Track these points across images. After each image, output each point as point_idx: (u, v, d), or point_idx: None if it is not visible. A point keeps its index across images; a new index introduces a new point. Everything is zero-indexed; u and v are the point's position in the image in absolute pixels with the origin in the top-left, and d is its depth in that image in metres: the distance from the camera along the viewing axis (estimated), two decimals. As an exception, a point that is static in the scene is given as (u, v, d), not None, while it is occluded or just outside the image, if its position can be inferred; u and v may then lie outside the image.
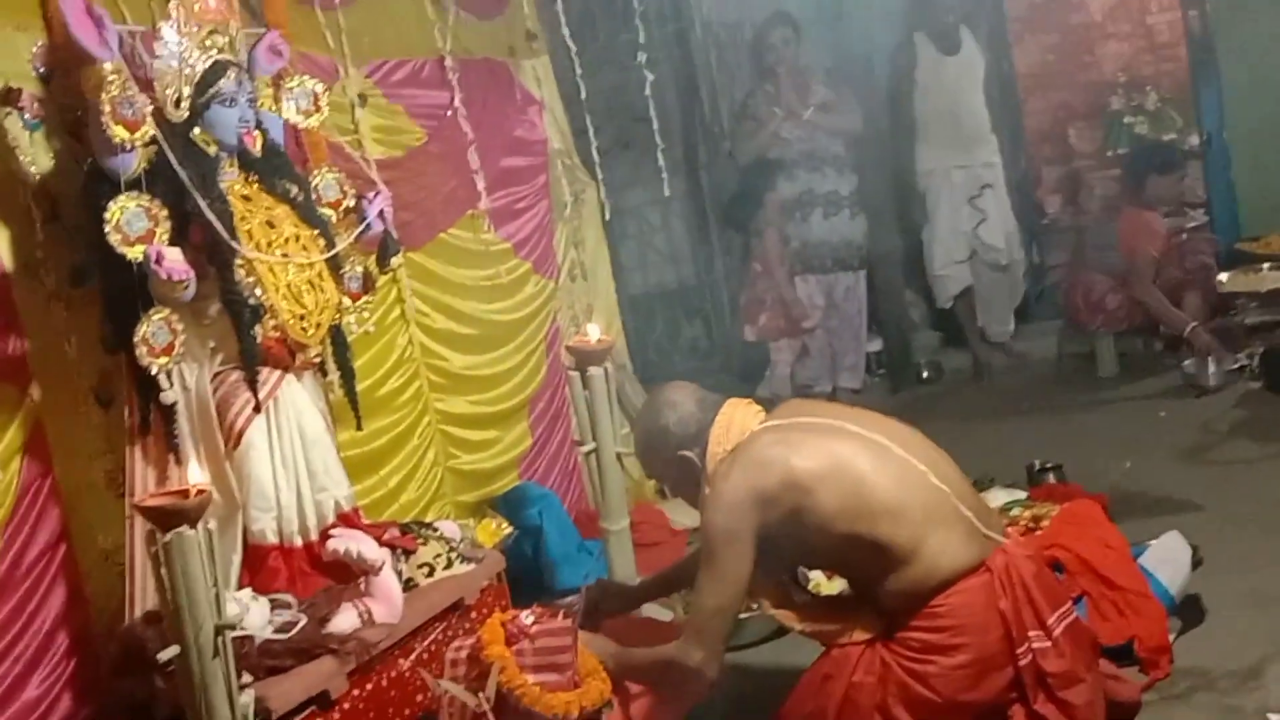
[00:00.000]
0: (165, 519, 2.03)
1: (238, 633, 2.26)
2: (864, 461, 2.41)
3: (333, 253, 2.85)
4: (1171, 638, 2.91)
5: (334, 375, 2.97)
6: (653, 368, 6.50)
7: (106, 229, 2.40)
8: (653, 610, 3.39)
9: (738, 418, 2.58)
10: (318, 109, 2.99)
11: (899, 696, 2.34)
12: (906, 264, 6.52)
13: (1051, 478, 4.10)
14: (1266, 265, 5.57)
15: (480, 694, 2.38)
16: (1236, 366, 5.25)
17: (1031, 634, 2.34)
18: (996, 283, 6.26)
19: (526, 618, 2.51)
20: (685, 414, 2.62)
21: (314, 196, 2.92)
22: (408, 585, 2.80)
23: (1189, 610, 3.13)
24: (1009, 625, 2.33)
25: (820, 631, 2.48)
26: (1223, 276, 5.63)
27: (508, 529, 3.73)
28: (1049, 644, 2.34)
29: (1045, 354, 6.21)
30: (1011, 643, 2.34)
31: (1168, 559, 3.13)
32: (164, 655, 2.07)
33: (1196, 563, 3.20)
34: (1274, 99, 5.90)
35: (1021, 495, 3.80)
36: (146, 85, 2.58)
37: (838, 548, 2.41)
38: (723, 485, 2.44)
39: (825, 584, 3.56)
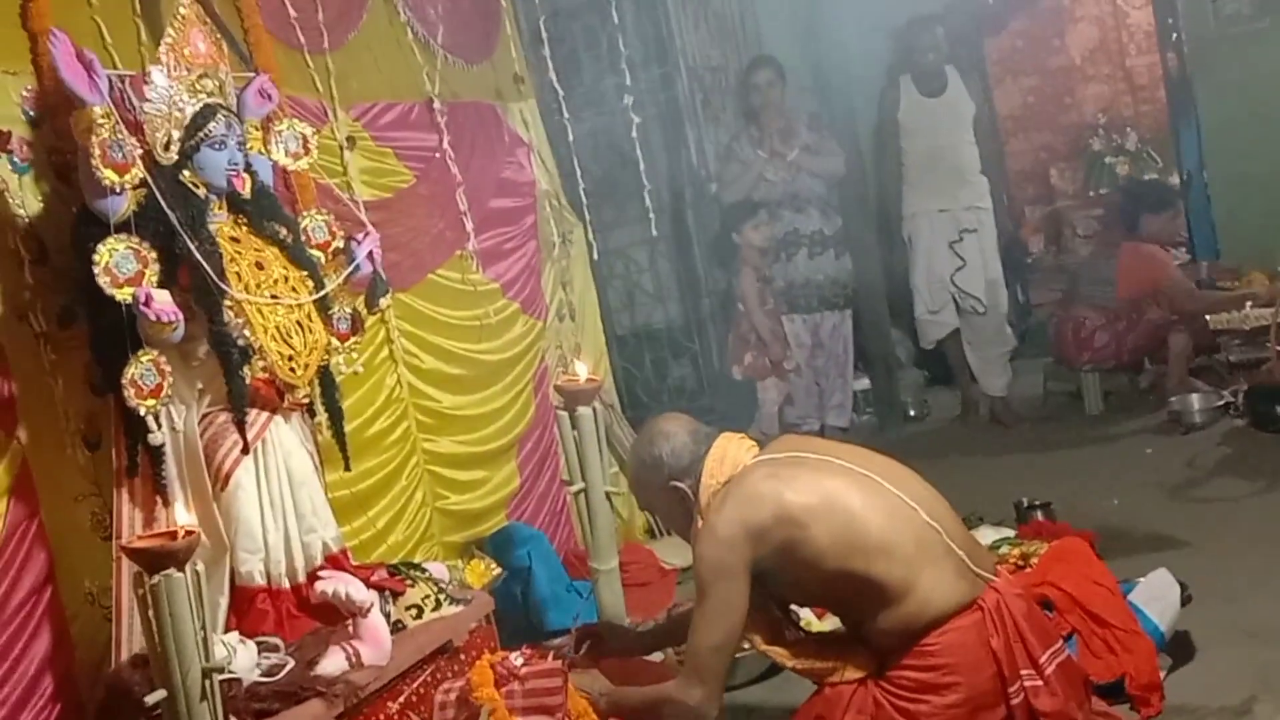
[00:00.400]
0: (153, 561, 2.02)
1: (225, 676, 2.24)
2: (856, 498, 2.42)
3: (321, 294, 2.85)
4: (1162, 675, 2.91)
5: (322, 416, 2.97)
6: (641, 408, 6.49)
7: (95, 271, 2.40)
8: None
9: (731, 451, 2.58)
10: (307, 151, 3.01)
11: None
12: (892, 303, 6.54)
13: (1039, 515, 4.10)
14: (1249, 303, 5.61)
15: (470, 737, 2.37)
16: (1221, 404, 5.28)
17: (1024, 672, 2.34)
18: (980, 329, 6.06)
19: (516, 659, 2.51)
20: (679, 445, 2.61)
21: (303, 238, 2.93)
22: (396, 627, 2.78)
23: (1179, 647, 3.13)
24: (1001, 663, 2.33)
25: (812, 669, 2.48)
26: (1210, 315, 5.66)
27: (496, 570, 3.71)
28: (1041, 682, 2.34)
29: (1032, 392, 6.24)
30: (1004, 681, 2.33)
31: (1157, 596, 3.13)
32: (151, 699, 2.05)
33: (1185, 599, 3.20)
34: (1251, 138, 5.98)
35: (1010, 533, 3.80)
36: (136, 128, 2.60)
37: (829, 584, 2.41)
38: (715, 519, 2.44)
39: (815, 623, 3.56)
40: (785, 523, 2.38)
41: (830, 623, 3.61)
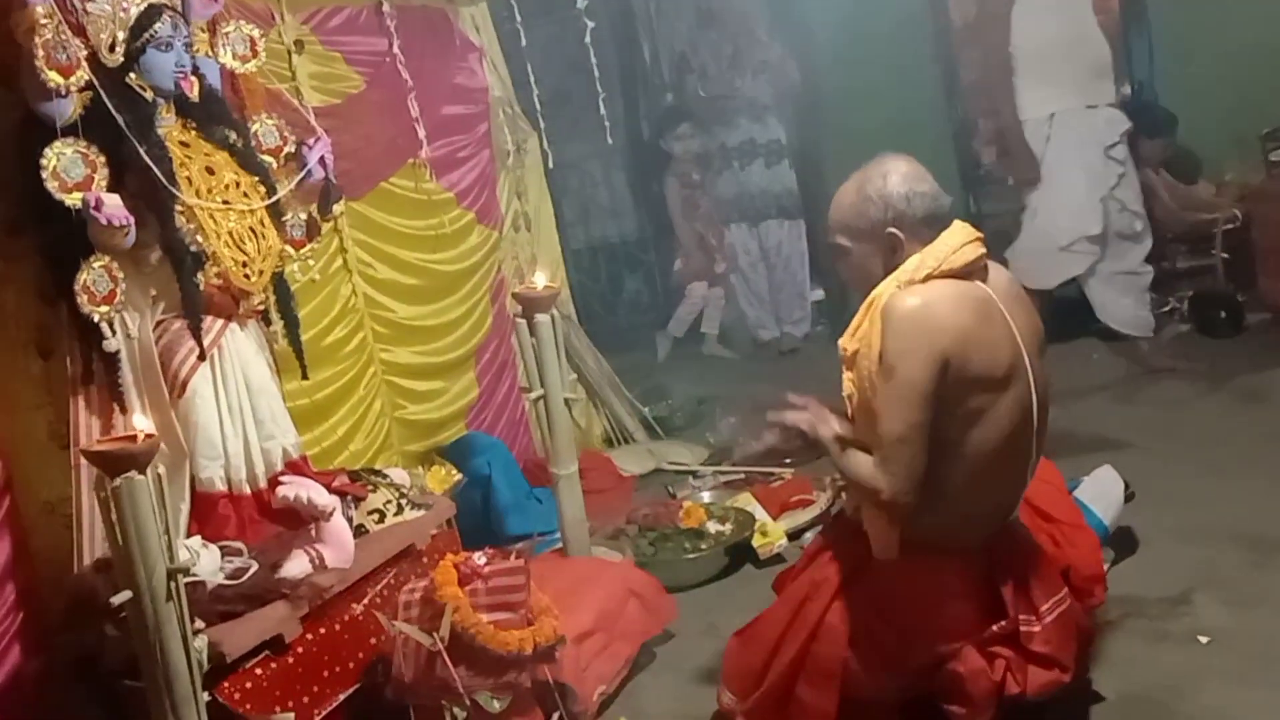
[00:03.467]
0: (114, 464, 2.02)
1: (189, 579, 2.26)
2: (1024, 404, 2.26)
3: (274, 199, 2.82)
4: (1105, 567, 3.00)
5: (278, 324, 2.95)
6: (597, 320, 6.52)
7: (44, 175, 2.36)
8: (602, 552, 3.44)
9: (968, 250, 2.27)
10: (255, 54, 2.95)
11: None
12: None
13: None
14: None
15: (434, 633, 2.41)
16: (1166, 309, 5.38)
17: (1022, 618, 2.31)
18: (1130, 255, 4.80)
19: (479, 559, 2.54)
20: (922, 193, 2.28)
21: (253, 143, 2.89)
22: (358, 531, 2.81)
23: (1122, 541, 3.23)
24: (1000, 603, 2.30)
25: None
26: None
27: (457, 476, 3.74)
28: (1038, 629, 2.31)
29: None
30: (992, 619, 2.31)
31: (1101, 492, 3.21)
32: (116, 599, 2.06)
33: (1128, 496, 3.29)
34: (1203, 49, 5.98)
35: (960, 435, 3.86)
36: (80, 30, 2.53)
37: (933, 447, 2.22)
38: (934, 299, 2.18)
39: (771, 523, 3.64)
40: (990, 369, 2.18)
41: (785, 522, 3.69)
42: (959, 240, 2.27)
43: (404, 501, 2.95)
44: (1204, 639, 2.74)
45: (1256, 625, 2.76)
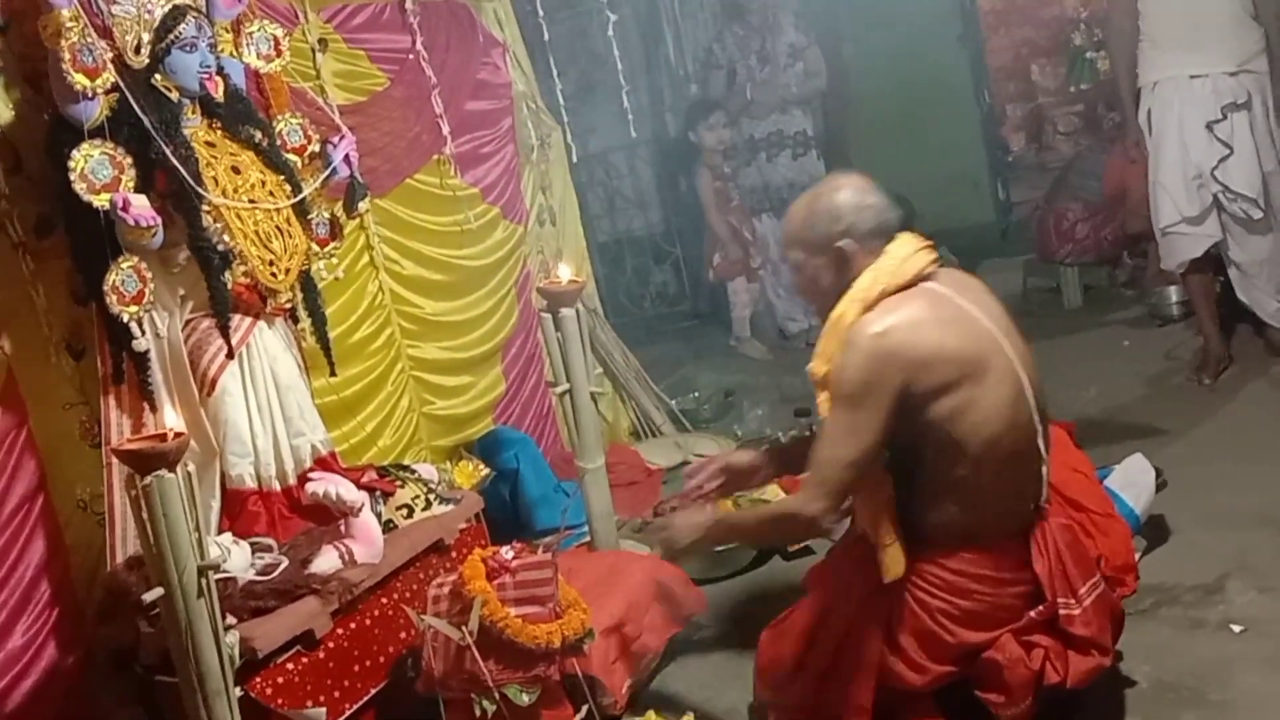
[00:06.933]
0: (144, 462, 2.04)
1: (220, 575, 2.29)
2: (1011, 391, 2.27)
3: (299, 197, 2.84)
4: (1137, 556, 2.97)
5: (305, 321, 2.97)
6: (623, 313, 6.52)
7: (71, 177, 2.39)
8: (630, 545, 3.44)
9: (918, 258, 2.30)
10: (279, 54, 2.97)
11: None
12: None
13: (1019, 407, 4.12)
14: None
15: (463, 627, 2.42)
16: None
17: (1060, 600, 2.31)
18: (1253, 243, 4.35)
19: (507, 553, 2.55)
20: (872, 204, 2.31)
21: (278, 142, 2.90)
22: (387, 527, 2.83)
23: (1153, 530, 3.20)
24: (1040, 586, 2.30)
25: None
26: None
27: (485, 470, 3.76)
28: (1078, 611, 2.31)
29: (1011, 288, 6.25)
30: (1032, 601, 2.31)
31: (1132, 481, 3.18)
32: (148, 596, 2.09)
33: (1160, 485, 3.27)
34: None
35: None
36: (105, 33, 2.56)
37: (930, 449, 2.26)
38: (888, 324, 2.20)
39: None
40: (956, 372, 2.19)
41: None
42: (906, 251, 2.30)
43: (432, 497, 2.96)
44: (1237, 628, 2.71)
45: (1290, 612, 2.73)
